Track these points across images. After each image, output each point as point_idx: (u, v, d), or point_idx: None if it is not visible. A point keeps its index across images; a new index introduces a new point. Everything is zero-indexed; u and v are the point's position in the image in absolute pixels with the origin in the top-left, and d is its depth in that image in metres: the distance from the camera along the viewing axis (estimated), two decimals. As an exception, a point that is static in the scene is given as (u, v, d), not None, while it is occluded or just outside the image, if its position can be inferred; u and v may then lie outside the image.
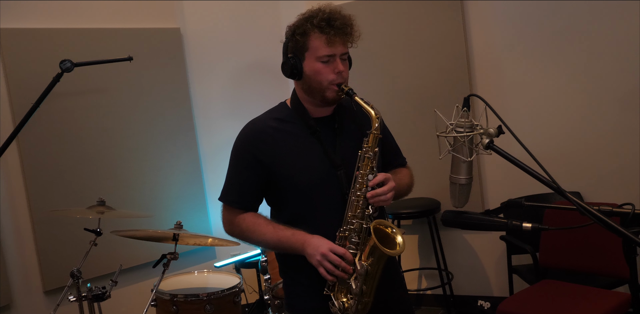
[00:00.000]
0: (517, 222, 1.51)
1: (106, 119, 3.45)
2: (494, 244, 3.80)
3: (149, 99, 3.64)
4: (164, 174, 3.68)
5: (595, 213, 1.36)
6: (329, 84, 1.80)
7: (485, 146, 1.49)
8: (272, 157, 1.84)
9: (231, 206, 1.91)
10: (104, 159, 3.43)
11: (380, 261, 1.76)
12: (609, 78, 3.38)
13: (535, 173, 1.39)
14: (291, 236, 1.80)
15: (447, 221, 1.58)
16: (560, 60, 3.50)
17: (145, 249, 3.33)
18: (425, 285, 4.12)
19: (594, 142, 3.47)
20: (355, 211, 1.79)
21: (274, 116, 1.90)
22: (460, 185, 1.56)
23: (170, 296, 2.83)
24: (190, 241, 2.92)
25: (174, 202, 3.71)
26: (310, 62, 1.80)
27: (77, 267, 2.64)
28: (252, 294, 3.93)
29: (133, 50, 3.46)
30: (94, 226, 2.76)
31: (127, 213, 2.95)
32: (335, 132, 1.89)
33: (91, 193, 3.12)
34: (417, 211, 3.69)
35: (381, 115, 1.81)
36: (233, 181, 1.91)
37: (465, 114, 1.52)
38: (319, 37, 1.77)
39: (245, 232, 1.88)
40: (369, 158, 1.78)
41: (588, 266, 3.09)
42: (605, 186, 3.41)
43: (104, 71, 3.39)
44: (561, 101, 3.53)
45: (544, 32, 3.52)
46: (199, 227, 3.79)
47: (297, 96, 1.90)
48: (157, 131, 3.67)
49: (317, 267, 1.74)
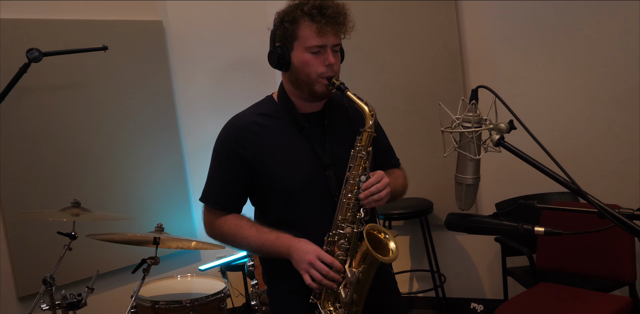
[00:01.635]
0: (529, 226, 1.39)
1: (82, 115, 3.27)
2: (487, 246, 3.71)
3: (128, 94, 3.48)
4: (145, 174, 3.52)
5: (618, 216, 1.23)
6: (318, 77, 1.67)
7: (496, 143, 1.35)
8: (257, 155, 1.72)
9: (213, 207, 1.79)
10: (79, 158, 3.25)
11: (372, 268, 1.65)
12: (605, 75, 3.31)
13: (553, 173, 1.27)
14: (276, 240, 1.69)
15: (452, 225, 1.45)
16: (556, 56, 3.42)
17: (124, 253, 3.17)
18: (417, 288, 4.01)
19: (590, 140, 3.40)
20: (345, 215, 1.67)
21: (259, 111, 1.78)
22: (467, 185, 1.43)
23: (152, 302, 2.69)
24: (172, 245, 2.77)
25: (155, 203, 3.54)
26: (299, 52, 1.67)
27: (50, 273, 2.49)
28: (238, 298, 3.80)
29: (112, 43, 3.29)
30: (69, 229, 2.60)
31: (104, 215, 2.79)
32: (325, 130, 1.77)
33: (65, 194, 2.94)
34: (409, 212, 3.60)
35: (375, 112, 1.69)
36: (215, 181, 1.79)
37: (473, 108, 1.38)
38: (309, 26, 1.64)
39: (226, 235, 1.76)
40: (362, 158, 1.66)
41: (586, 269, 2.99)
42: (601, 185, 3.33)
43: (80, 65, 3.23)
44: (556, 98, 3.46)
45: (539, 28, 3.44)
46: (182, 229, 3.64)
47: (284, 90, 1.78)
48: (137, 128, 3.51)
49: (303, 275, 1.63)
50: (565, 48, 3.38)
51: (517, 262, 3.48)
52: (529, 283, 3.16)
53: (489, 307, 3.72)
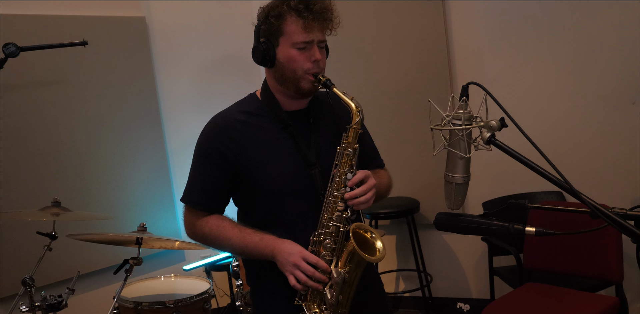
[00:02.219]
0: (520, 226, 1.36)
1: (63, 112, 3.20)
2: (474, 245, 3.69)
3: (111, 91, 3.41)
4: (128, 172, 3.45)
5: (612, 216, 1.21)
6: (304, 73, 1.63)
7: (486, 141, 1.32)
8: (240, 154, 1.67)
9: (194, 208, 1.74)
10: (59, 156, 3.17)
11: (359, 268, 1.61)
12: (593, 74, 3.29)
13: (546, 172, 1.24)
14: (259, 241, 1.65)
15: (441, 225, 1.41)
16: (543, 54, 3.41)
17: (106, 253, 3.09)
18: (403, 287, 3.99)
19: (577, 139, 3.38)
20: (331, 214, 1.63)
21: (243, 109, 1.73)
22: (457, 184, 1.39)
23: (134, 303, 2.63)
24: (155, 245, 2.72)
25: (139, 202, 3.47)
26: (284, 48, 1.63)
27: (30, 274, 2.42)
28: (223, 298, 3.75)
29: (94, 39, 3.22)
30: (49, 229, 2.53)
31: (85, 215, 2.73)
32: (310, 128, 1.73)
33: (45, 193, 2.87)
34: (396, 211, 3.57)
35: (362, 108, 1.65)
36: (196, 181, 1.75)
37: (463, 105, 1.35)
38: (295, 21, 1.60)
39: (208, 236, 1.72)
40: (348, 155, 1.62)
41: (574, 269, 2.98)
42: (588, 185, 3.31)
43: (61, 61, 3.16)
44: (544, 96, 3.44)
45: (526, 26, 3.42)
46: (166, 228, 3.58)
47: (268, 87, 1.73)
48: (120, 125, 3.43)
49: (288, 276, 1.59)
50: (553, 46, 3.37)
51: (504, 261, 3.46)
52: (516, 283, 3.14)
53: (475, 307, 3.71)
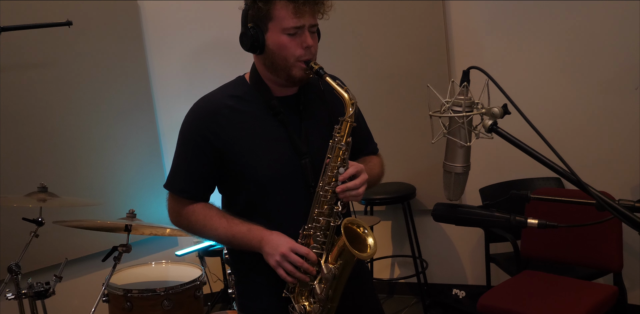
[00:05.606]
0: (521, 218, 1.30)
1: (51, 95, 3.12)
2: (470, 232, 3.65)
3: (102, 74, 3.33)
4: (118, 157, 3.38)
5: (619, 209, 1.15)
6: (296, 60, 1.56)
7: (488, 129, 1.26)
8: (227, 141, 1.60)
9: (178, 196, 1.67)
10: (47, 140, 3.11)
11: (349, 263, 1.57)
12: (593, 59, 3.21)
13: (551, 162, 1.18)
14: (247, 232, 1.59)
15: (440, 216, 1.35)
16: (543, 38, 3.31)
17: (95, 239, 3.04)
18: (398, 274, 3.95)
19: (577, 125, 3.31)
20: (322, 207, 1.57)
21: (231, 93, 1.65)
22: (457, 174, 1.32)
23: (124, 291, 2.57)
24: (145, 231, 2.67)
25: (130, 187, 3.41)
26: (274, 34, 1.55)
27: (16, 261, 2.37)
28: (217, 283, 3.71)
29: (85, 21, 3.16)
30: (35, 215, 2.46)
31: (73, 201, 2.66)
32: (300, 115, 1.66)
33: (32, 178, 2.80)
34: (392, 197, 3.51)
35: (356, 100, 1.57)
36: (181, 167, 1.68)
37: (464, 91, 1.28)
38: (285, 6, 1.51)
39: (194, 225, 1.66)
40: (341, 149, 1.56)
41: (572, 257, 2.94)
42: (588, 172, 3.24)
43: (51, 43, 3.08)
44: (543, 81, 3.36)
45: (525, 9, 3.32)
46: (157, 214, 3.47)
47: (257, 72, 1.65)
48: (111, 109, 3.36)
49: (276, 268, 1.54)
50: (552, 30, 3.28)
51: (501, 248, 3.42)
52: (513, 270, 3.10)
53: (471, 293, 3.67)
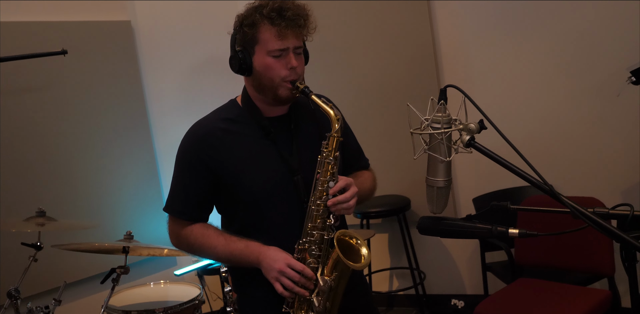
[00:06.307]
0: (503, 228, 1.34)
1: (48, 118, 3.16)
2: (466, 242, 3.69)
3: (98, 95, 3.38)
4: (115, 177, 3.41)
5: (591, 217, 1.20)
6: (282, 80, 1.62)
7: (466, 144, 1.30)
8: (222, 162, 1.65)
9: (178, 218, 1.72)
10: (45, 163, 3.14)
11: (344, 275, 1.61)
12: (580, 66, 3.27)
13: (525, 174, 1.22)
14: (245, 249, 1.63)
15: (424, 229, 1.40)
16: (531, 48, 3.38)
17: (93, 261, 3.06)
18: (396, 285, 3.98)
19: (565, 133, 3.37)
20: (315, 222, 1.62)
21: (223, 116, 1.72)
22: (439, 188, 1.37)
23: (123, 312, 2.59)
24: (143, 252, 2.70)
25: (128, 207, 3.44)
26: (260, 56, 1.62)
27: (15, 285, 2.39)
28: (217, 302, 3.72)
29: (80, 44, 3.20)
30: (34, 239, 2.50)
31: (71, 224, 2.69)
32: (292, 133, 1.72)
33: (29, 202, 2.85)
34: (387, 210, 3.56)
35: (342, 115, 1.63)
36: (179, 190, 1.73)
37: (442, 108, 1.33)
38: (269, 30, 1.59)
39: (193, 245, 1.71)
40: (329, 163, 1.61)
41: (565, 263, 2.97)
42: (577, 178, 3.31)
43: (47, 67, 3.12)
44: (532, 90, 3.42)
45: (512, 19, 3.39)
46: (156, 235, 3.51)
47: (247, 94, 1.72)
48: (107, 129, 3.40)
49: (274, 283, 1.59)
50: (541, 39, 3.33)
51: (497, 257, 3.45)
52: (509, 278, 3.13)
53: (469, 303, 3.70)
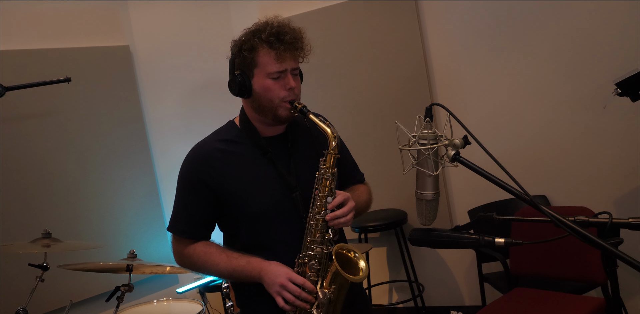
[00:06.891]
0: (489, 237, 1.42)
1: (51, 143, 3.25)
2: (463, 253, 3.74)
3: (98, 120, 3.47)
4: (118, 199, 3.49)
5: (571, 225, 1.28)
6: (281, 101, 1.70)
7: (452, 159, 1.39)
8: (222, 182, 1.73)
9: (181, 236, 1.79)
10: (49, 187, 3.22)
11: (343, 287, 1.67)
12: (572, 78, 3.31)
13: (507, 186, 1.30)
14: (246, 265, 1.69)
15: (415, 240, 1.48)
16: (522, 61, 3.44)
17: (98, 280, 3.14)
18: (396, 298, 4.02)
19: (557, 144, 3.43)
20: (314, 236, 1.69)
21: (222, 138, 1.79)
22: (427, 201, 1.46)
23: (128, 330, 2.66)
24: (146, 270, 2.75)
25: (130, 228, 3.51)
26: (259, 79, 1.70)
27: (23, 306, 2.45)
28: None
29: (80, 70, 3.29)
30: (40, 260, 2.56)
31: (76, 245, 2.76)
32: (289, 152, 1.79)
33: (36, 224, 2.93)
34: (384, 223, 3.61)
35: (338, 133, 1.72)
36: (181, 210, 1.80)
37: (428, 125, 1.42)
38: (268, 53, 1.67)
39: (196, 263, 1.77)
40: (327, 179, 1.68)
41: (559, 272, 3.03)
42: (570, 189, 3.37)
43: (48, 93, 3.21)
44: (523, 102, 3.48)
45: (502, 32, 3.46)
46: (158, 253, 3.60)
47: (245, 115, 1.80)
48: (108, 153, 3.49)
49: (276, 297, 1.64)
50: (531, 52, 3.39)
51: (494, 268, 3.51)
52: (505, 289, 3.18)
53: (468, 314, 3.75)
